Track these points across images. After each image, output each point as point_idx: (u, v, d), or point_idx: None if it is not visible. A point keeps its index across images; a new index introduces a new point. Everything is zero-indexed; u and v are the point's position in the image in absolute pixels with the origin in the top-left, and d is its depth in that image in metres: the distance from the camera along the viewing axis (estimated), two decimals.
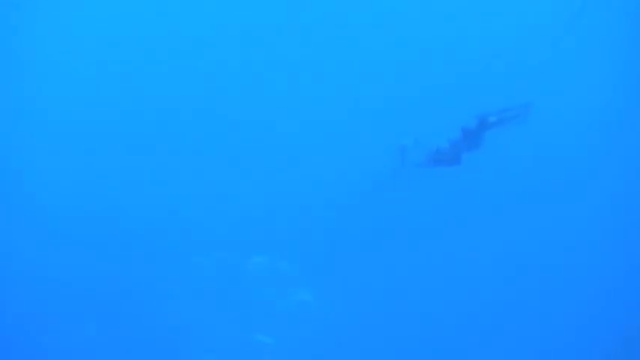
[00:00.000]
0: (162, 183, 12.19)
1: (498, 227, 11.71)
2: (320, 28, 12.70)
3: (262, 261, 12.07)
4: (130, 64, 12.62)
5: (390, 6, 12.78)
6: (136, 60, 12.68)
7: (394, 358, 11.45)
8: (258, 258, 12.07)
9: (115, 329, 11.36)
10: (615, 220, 11.58)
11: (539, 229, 11.76)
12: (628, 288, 11.25)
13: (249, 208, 12.11)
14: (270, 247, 11.95)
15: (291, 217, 12.00)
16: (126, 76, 12.52)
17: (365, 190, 11.90)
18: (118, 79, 12.51)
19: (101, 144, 12.32)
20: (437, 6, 12.60)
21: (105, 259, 11.64)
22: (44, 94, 12.39)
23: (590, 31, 11.60)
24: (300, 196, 12.05)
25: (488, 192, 11.87)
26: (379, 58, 12.52)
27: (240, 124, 12.48)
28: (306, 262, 11.81)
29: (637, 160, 11.71)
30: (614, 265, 11.40)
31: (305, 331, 11.47)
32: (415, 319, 11.45)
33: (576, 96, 11.84)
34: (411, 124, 10.25)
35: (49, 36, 12.58)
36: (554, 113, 11.03)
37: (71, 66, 12.58)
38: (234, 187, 12.19)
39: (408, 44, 12.51)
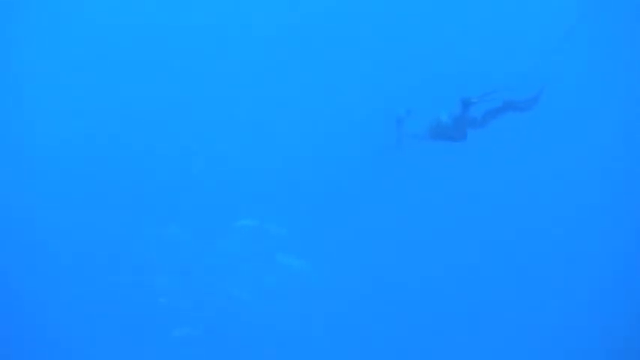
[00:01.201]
0: (152, 145, 11.97)
1: (489, 199, 11.61)
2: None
3: (250, 224, 11.89)
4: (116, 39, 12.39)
5: None
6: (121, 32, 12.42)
7: (379, 323, 11.37)
8: (246, 221, 11.88)
9: (100, 294, 11.18)
10: (618, 208, 11.46)
11: (541, 206, 11.64)
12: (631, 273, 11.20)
13: (238, 170, 11.90)
14: (259, 210, 11.78)
15: (281, 180, 11.80)
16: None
17: (356, 154, 11.77)
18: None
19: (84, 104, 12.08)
20: None
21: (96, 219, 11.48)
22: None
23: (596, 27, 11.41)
24: (291, 159, 11.86)
25: (482, 167, 11.57)
26: (379, 29, 12.31)
27: (231, 85, 12.12)
28: (295, 226, 11.66)
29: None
30: (616, 253, 11.31)
31: (292, 294, 11.40)
32: (403, 286, 11.38)
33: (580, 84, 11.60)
34: (406, 94, 10.08)
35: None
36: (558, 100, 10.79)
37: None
38: (223, 147, 12.00)
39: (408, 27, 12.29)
